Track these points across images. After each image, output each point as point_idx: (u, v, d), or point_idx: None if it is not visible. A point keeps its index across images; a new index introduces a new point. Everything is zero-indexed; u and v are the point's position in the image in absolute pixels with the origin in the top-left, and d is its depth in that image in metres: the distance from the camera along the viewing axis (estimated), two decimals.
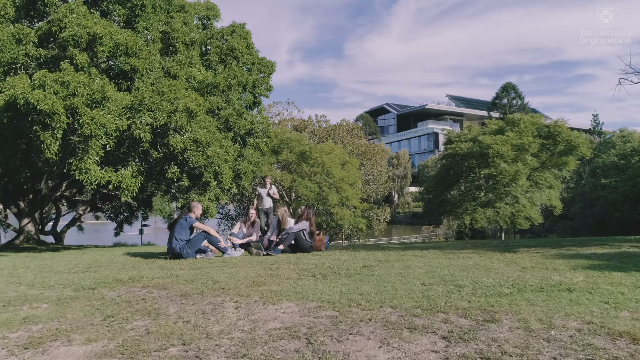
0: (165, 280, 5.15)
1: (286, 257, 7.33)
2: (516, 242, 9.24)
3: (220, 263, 6.71)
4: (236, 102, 12.23)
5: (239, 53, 14.07)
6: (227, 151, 11.87)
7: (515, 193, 21.26)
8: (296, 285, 4.41)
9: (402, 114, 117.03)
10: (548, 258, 5.81)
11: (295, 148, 24.09)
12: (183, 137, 9.28)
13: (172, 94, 9.30)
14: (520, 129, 22.55)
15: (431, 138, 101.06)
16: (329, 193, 22.41)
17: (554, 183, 23.03)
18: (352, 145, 33.89)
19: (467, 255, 6.58)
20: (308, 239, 8.44)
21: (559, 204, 23.10)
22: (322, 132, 33.28)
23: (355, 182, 24.25)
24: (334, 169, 23.12)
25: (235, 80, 11.97)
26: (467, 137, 24.44)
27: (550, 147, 22.33)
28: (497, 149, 21.17)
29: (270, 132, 14.00)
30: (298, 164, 24.25)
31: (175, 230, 7.72)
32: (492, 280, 4.21)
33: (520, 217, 21.39)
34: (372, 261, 6.20)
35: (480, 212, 21.62)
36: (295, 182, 22.96)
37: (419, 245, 9.34)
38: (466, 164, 23.06)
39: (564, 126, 22.22)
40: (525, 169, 21.23)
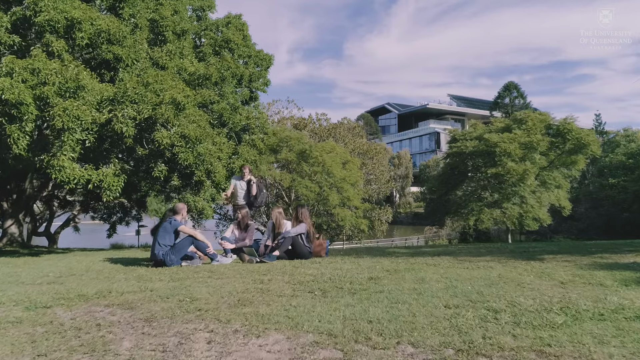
0: (136, 297, 4.34)
1: (281, 265, 6.51)
2: (534, 246, 8.43)
3: (206, 272, 5.90)
4: (230, 96, 11.41)
5: (234, 45, 13.27)
6: (221, 148, 11.05)
7: (523, 193, 20.43)
8: (289, 305, 3.60)
9: (403, 113, 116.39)
10: (584, 269, 5.00)
11: (295, 147, 23.26)
12: (170, 131, 8.45)
13: (159, 84, 8.49)
14: (528, 127, 21.72)
15: (432, 138, 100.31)
16: (329, 193, 21.59)
17: (563, 183, 22.20)
18: (353, 144, 33.06)
19: (487, 264, 5.76)
20: (306, 244, 7.62)
21: (567, 205, 22.27)
22: (323, 130, 32.44)
23: (357, 181, 23.44)
24: (334, 168, 22.30)
25: (229, 72, 11.15)
26: (472, 135, 23.60)
27: (559, 146, 21.50)
28: (504, 148, 20.34)
29: (267, 128, 13.20)
30: (298, 163, 23.42)
31: (159, 235, 6.91)
32: (533, 301, 3.40)
33: (528, 218, 20.57)
34: (379, 271, 5.39)
35: (486, 213, 20.79)
36: (295, 182, 22.14)
37: (428, 251, 8.53)
38: (472, 163, 22.23)
39: (573, 124, 21.39)
40: (534, 168, 20.41)
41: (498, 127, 23.77)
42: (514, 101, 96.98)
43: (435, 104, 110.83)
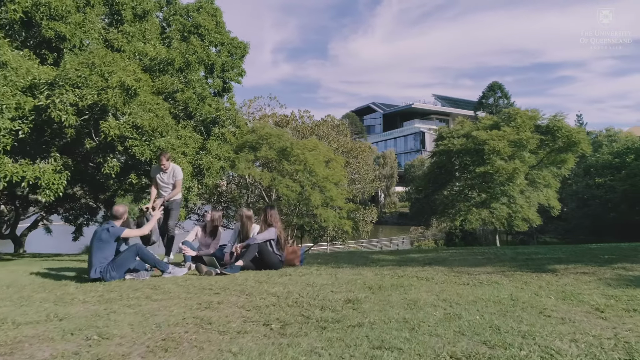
0: (32, 331, 3.20)
1: (244, 278, 5.41)
2: (535, 253, 7.48)
3: (148, 290, 4.76)
4: (197, 84, 10.24)
5: (204, 30, 12.07)
6: (186, 142, 9.89)
7: (512, 193, 19.64)
8: (228, 353, 2.52)
9: (388, 113, 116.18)
10: (613, 286, 4.02)
11: (275, 144, 22.07)
12: (119, 121, 7.26)
13: (107, 67, 7.29)
14: (518, 124, 20.96)
15: (417, 137, 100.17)
16: (311, 193, 20.48)
17: (552, 182, 21.50)
18: (337, 142, 32.00)
19: (490, 277, 4.76)
20: (276, 252, 6.53)
21: (557, 204, 21.59)
22: (306, 128, 31.30)
23: (341, 180, 22.37)
24: (317, 166, 21.19)
25: (195, 57, 9.97)
26: (459, 132, 22.77)
27: (549, 144, 20.78)
28: (493, 145, 19.53)
29: (239, 121, 12.03)
30: (278, 161, 22.25)
31: (94, 248, 5.71)
32: (575, 346, 2.37)
33: (517, 219, 19.78)
34: (360, 289, 4.33)
35: (474, 213, 19.95)
36: (275, 181, 20.96)
37: (417, 258, 7.52)
38: (459, 162, 21.38)
39: (563, 121, 20.70)
40: (524, 166, 19.64)
41: (486, 124, 22.99)
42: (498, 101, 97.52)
43: (420, 104, 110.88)
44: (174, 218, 7.26)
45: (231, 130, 11.36)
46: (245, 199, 26.04)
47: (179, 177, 6.91)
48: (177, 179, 6.90)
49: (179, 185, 6.95)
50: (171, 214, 7.18)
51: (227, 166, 13.18)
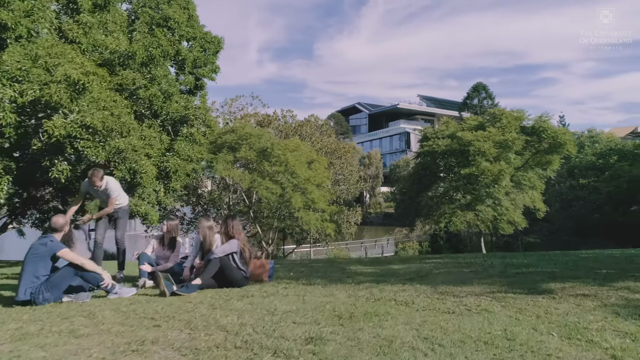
0: None
1: (198, 301, 4.70)
2: (526, 265, 6.92)
3: (78, 320, 4.02)
4: (163, 81, 9.45)
5: (174, 23, 11.26)
6: (151, 143, 9.11)
7: (498, 195, 19.22)
8: None
9: (374, 113, 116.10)
10: (621, 315, 3.42)
11: (255, 144, 21.32)
12: (66, 120, 6.47)
13: (53, 59, 6.49)
14: (503, 125, 20.56)
15: (403, 138, 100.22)
16: (292, 195, 19.77)
17: (538, 184, 21.17)
18: (321, 142, 31.36)
19: (479, 301, 4.13)
20: (241, 267, 5.82)
21: (542, 206, 21.25)
22: (289, 128, 30.59)
23: (323, 182, 21.71)
24: (298, 167, 20.51)
25: (160, 51, 9.18)
26: (444, 133, 22.28)
27: (534, 145, 20.41)
28: (478, 146, 19.07)
29: (210, 120, 11.24)
30: (259, 162, 21.51)
31: (27, 263, 4.93)
32: None
33: (503, 221, 19.36)
34: (328, 319, 3.67)
35: (459, 216, 19.47)
36: (255, 183, 20.20)
37: (399, 270, 6.88)
38: (444, 163, 20.89)
39: (548, 122, 20.36)
40: (509, 168, 19.22)
41: (471, 124, 22.56)
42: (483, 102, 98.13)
43: (405, 104, 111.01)
44: (122, 228, 6.52)
45: (201, 130, 10.57)
46: (225, 201, 25.22)
47: (112, 195, 6.17)
48: (110, 197, 6.16)
49: (112, 204, 6.20)
50: (118, 224, 6.44)
51: (199, 168, 12.41)
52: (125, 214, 6.63)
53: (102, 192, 6.15)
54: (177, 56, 11.36)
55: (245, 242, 5.97)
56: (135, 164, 8.22)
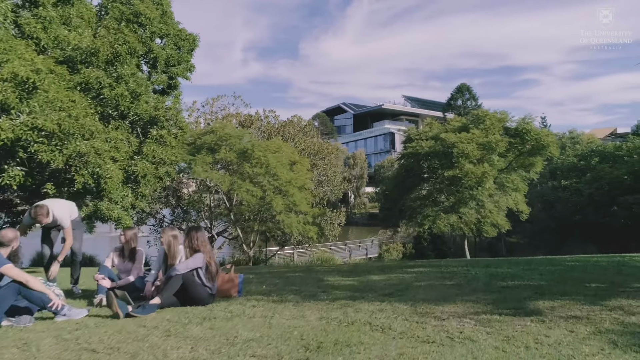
0: None
1: (152, 326, 4.21)
2: (511, 276, 6.59)
3: (10, 352, 3.52)
4: (131, 79, 8.89)
5: (145, 19, 10.70)
6: (117, 146, 8.55)
7: (481, 197, 19.04)
8: None
9: (359, 113, 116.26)
10: (619, 345, 3.06)
11: (236, 145, 20.78)
12: (14, 122, 5.91)
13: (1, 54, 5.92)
14: (486, 126, 20.40)
15: (387, 138, 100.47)
16: (273, 198, 19.27)
17: (521, 186, 21.07)
18: (304, 143, 30.90)
19: (462, 326, 3.74)
20: (206, 283, 5.34)
21: (525, 209, 21.16)
22: (271, 128, 30.04)
23: (305, 184, 21.25)
24: (279, 169, 20.02)
25: (126, 48, 8.63)
26: (428, 134, 22.05)
27: (517, 147, 20.30)
28: (462, 148, 18.85)
29: (182, 121, 10.70)
30: (239, 163, 20.97)
31: None
32: None
33: (486, 224, 19.20)
34: (292, 352, 3.23)
35: (443, 219, 19.25)
36: (234, 185, 19.64)
37: (378, 283, 6.48)
38: (427, 165, 20.64)
39: (532, 124, 20.27)
40: (493, 170, 19.05)
41: (455, 126, 22.37)
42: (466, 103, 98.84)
43: (390, 105, 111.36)
44: (78, 239, 5.99)
45: (173, 132, 10.03)
46: (205, 203, 24.57)
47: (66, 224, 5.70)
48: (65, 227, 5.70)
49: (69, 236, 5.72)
50: (74, 235, 5.92)
51: (172, 171, 11.86)
52: (80, 226, 6.10)
53: (53, 223, 5.65)
54: (149, 54, 10.81)
55: (212, 256, 5.49)
56: (99, 169, 7.67)
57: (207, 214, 25.67)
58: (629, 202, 22.08)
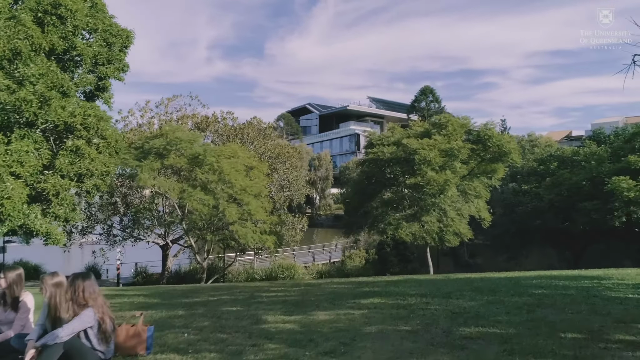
0: None
1: None
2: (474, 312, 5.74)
3: None
4: (40, 81, 7.53)
5: (66, 11, 9.29)
6: (22, 159, 7.19)
7: (444, 205, 18.48)
8: None
9: (325, 114, 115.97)
10: None
11: (187, 150, 19.38)
12: None
13: None
14: (449, 132, 19.88)
15: (353, 139, 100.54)
16: (226, 207, 18.01)
17: (483, 192, 20.70)
18: (264, 146, 29.71)
19: None
20: (97, 347, 4.19)
21: (487, 216, 20.80)
22: (229, 131, 28.68)
23: (262, 192, 20.09)
24: (234, 176, 18.76)
25: (28, 43, 7.27)
26: (390, 140, 21.33)
27: (479, 153, 19.88)
28: (424, 155, 18.21)
29: (105, 130, 9.36)
30: (190, 170, 19.60)
31: None
32: None
33: (448, 233, 18.64)
34: None
35: (405, 227, 18.56)
36: (184, 193, 18.25)
37: (323, 325, 5.49)
38: (389, 171, 19.93)
39: (494, 130, 19.90)
40: (455, 178, 18.52)
41: (417, 131, 21.77)
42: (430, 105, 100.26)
43: (355, 106, 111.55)
44: None
45: (94, 142, 8.69)
46: (154, 213, 22.93)
47: None
48: None
49: None
50: None
51: (103, 185, 10.49)
52: None
53: None
54: (70, 51, 9.41)
55: (106, 310, 4.33)
56: None
57: (159, 221, 24.07)
58: (588, 209, 22.15)
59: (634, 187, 20.19)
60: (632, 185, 20.17)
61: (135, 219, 23.44)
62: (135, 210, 21.55)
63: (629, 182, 20.24)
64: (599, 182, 23.07)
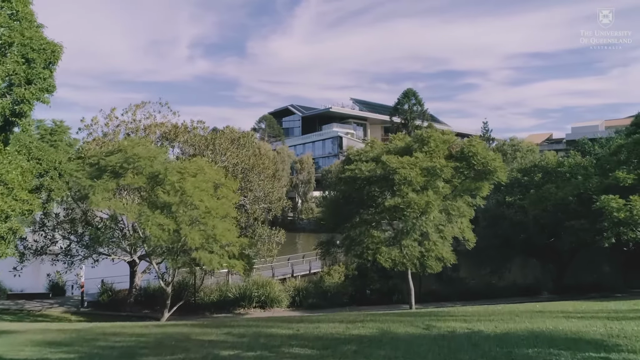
0: None
1: None
2: None
3: None
4: None
5: None
6: None
7: (426, 228, 17.15)
8: None
9: (307, 116, 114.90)
10: None
11: (146, 168, 17.63)
12: None
13: None
14: (431, 148, 18.56)
15: (335, 141, 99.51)
16: (188, 233, 16.33)
17: (467, 211, 19.45)
18: (237, 157, 28.06)
19: None
20: None
21: (471, 237, 19.55)
22: (200, 141, 26.92)
23: (229, 213, 18.42)
24: (197, 197, 17.09)
25: None
26: (369, 155, 19.92)
27: (463, 172, 18.62)
28: (404, 175, 16.84)
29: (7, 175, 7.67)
30: (150, 189, 17.87)
31: None
32: None
33: (430, 258, 17.32)
34: None
35: (384, 253, 17.18)
36: (142, 217, 16.51)
37: None
38: (367, 191, 18.51)
39: (480, 146, 18.64)
40: (438, 199, 17.20)
41: (397, 145, 20.41)
42: (413, 107, 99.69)
43: (338, 108, 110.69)
44: None
45: None
46: (115, 233, 21.02)
47: None
48: None
49: None
50: None
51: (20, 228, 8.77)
52: None
53: None
54: None
55: None
56: None
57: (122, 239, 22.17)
58: (576, 228, 21.14)
59: (624, 206, 19.20)
60: (621, 205, 19.16)
61: (95, 238, 21.51)
62: (93, 231, 19.62)
63: (618, 202, 19.23)
64: (586, 198, 22.11)
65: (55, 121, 21.08)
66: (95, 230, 18.92)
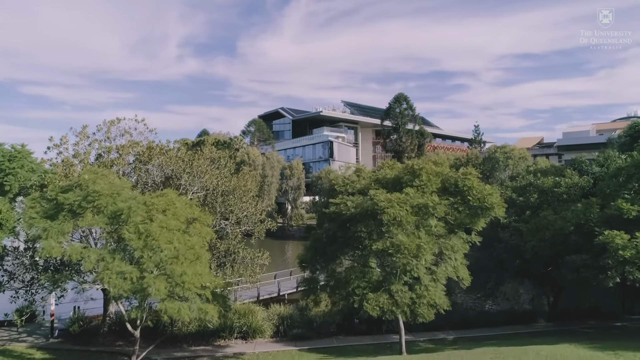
0: None
1: None
2: None
3: None
4: None
5: None
6: None
7: (417, 273, 15.60)
8: None
9: (298, 119, 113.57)
10: None
11: (108, 207, 15.85)
12: None
13: None
14: (422, 182, 17.02)
15: (326, 146, 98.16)
16: (153, 282, 14.59)
17: (461, 247, 17.94)
18: (216, 179, 26.34)
19: None
20: None
21: (466, 276, 18.04)
22: (175, 163, 25.13)
23: (201, 255, 16.67)
24: (164, 239, 15.38)
25: None
26: (355, 186, 18.34)
27: (458, 208, 17.10)
28: (393, 214, 15.28)
29: None
30: (113, 231, 16.09)
31: None
32: None
33: (422, 305, 15.76)
34: None
35: (371, 299, 15.60)
36: (100, 265, 14.74)
37: None
38: (353, 229, 16.88)
39: (475, 180, 17.13)
40: (430, 241, 15.66)
41: (387, 175, 18.84)
42: (404, 112, 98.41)
43: (329, 111, 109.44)
44: None
45: None
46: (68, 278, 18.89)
47: None
48: None
49: None
50: None
51: None
52: None
53: None
54: None
55: None
56: None
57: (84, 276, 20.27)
58: (577, 264, 19.74)
59: (629, 242, 17.80)
60: (626, 241, 17.76)
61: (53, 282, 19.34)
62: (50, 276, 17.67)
63: (623, 238, 17.83)
64: (587, 230, 20.71)
65: (15, 146, 19.17)
66: (52, 276, 17.01)
